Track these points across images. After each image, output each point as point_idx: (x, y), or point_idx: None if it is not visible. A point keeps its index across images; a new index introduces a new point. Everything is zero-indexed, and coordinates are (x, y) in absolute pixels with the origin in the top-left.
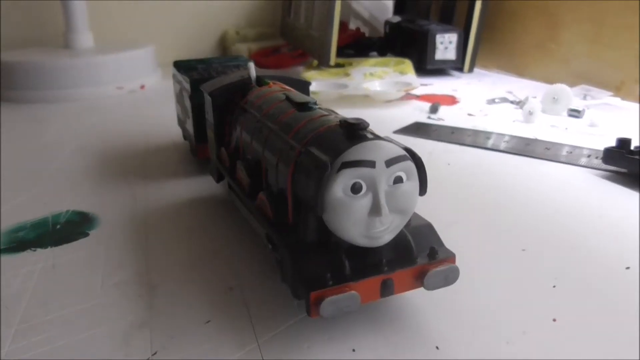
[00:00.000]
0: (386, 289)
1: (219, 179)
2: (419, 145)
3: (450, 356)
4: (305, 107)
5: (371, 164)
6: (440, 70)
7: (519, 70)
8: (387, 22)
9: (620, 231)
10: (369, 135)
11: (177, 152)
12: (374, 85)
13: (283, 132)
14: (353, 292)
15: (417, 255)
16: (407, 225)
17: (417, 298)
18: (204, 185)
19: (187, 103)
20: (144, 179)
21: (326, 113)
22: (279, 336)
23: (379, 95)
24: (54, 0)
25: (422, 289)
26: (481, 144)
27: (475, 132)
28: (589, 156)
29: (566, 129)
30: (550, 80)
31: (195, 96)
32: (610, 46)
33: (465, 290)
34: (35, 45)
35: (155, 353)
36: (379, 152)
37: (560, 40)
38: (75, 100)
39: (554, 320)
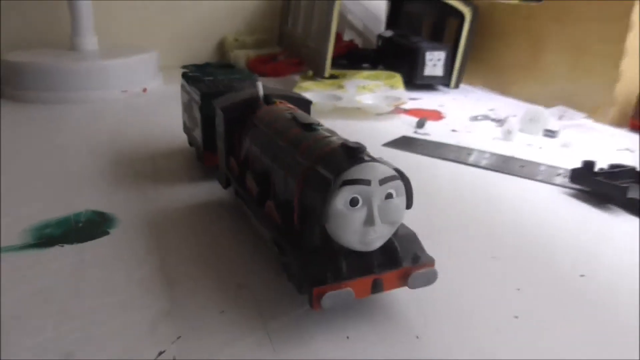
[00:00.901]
0: (376, 287)
1: (226, 184)
2: (406, 158)
3: (429, 344)
4: (310, 127)
5: (367, 182)
6: (428, 85)
7: (502, 88)
8: (379, 36)
9: (579, 244)
10: (366, 157)
11: (183, 157)
12: (366, 99)
13: (291, 149)
14: (349, 288)
15: (402, 259)
16: (395, 234)
17: (402, 295)
18: (211, 190)
19: (197, 114)
20: (154, 181)
21: (329, 134)
22: (284, 325)
23: (371, 108)
24: (59, 1)
25: (406, 287)
26: (463, 159)
27: (458, 148)
28: (558, 175)
29: (540, 148)
30: (531, 99)
31: (205, 108)
32: (588, 71)
33: (443, 290)
34: (41, 46)
35: (179, 337)
36: (374, 172)
37: (542, 63)
38: (82, 102)
39: (516, 317)
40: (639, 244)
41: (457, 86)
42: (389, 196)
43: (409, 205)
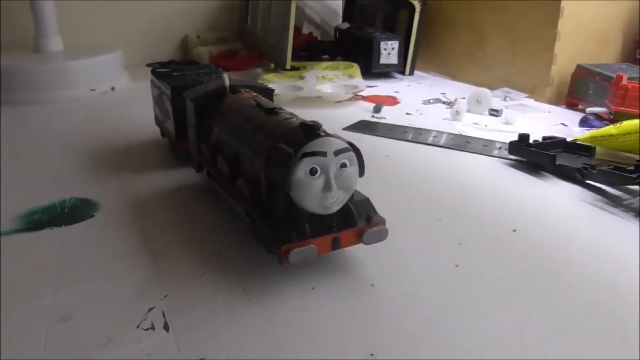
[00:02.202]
0: (336, 244)
1: (199, 169)
2: (364, 140)
3: (381, 290)
4: (272, 111)
5: (324, 154)
6: (384, 73)
7: (452, 74)
8: (337, 29)
9: (513, 205)
10: (322, 133)
11: (156, 147)
12: (326, 88)
13: (257, 132)
14: (312, 245)
15: (357, 220)
16: (351, 199)
17: (358, 251)
18: (185, 175)
19: (168, 106)
20: (131, 171)
21: (289, 116)
22: (257, 281)
23: (330, 96)
24: (22, 1)
25: (362, 244)
26: (414, 139)
27: (411, 129)
28: (499, 148)
29: (486, 125)
30: (478, 83)
31: (176, 100)
32: (526, 56)
33: (395, 246)
34: (5, 49)
35: (166, 295)
36: (330, 145)
37: (485, 50)
38: (51, 102)
39: (456, 265)
40: (565, 203)
41: (411, 73)
42: (343, 165)
43: (361, 173)
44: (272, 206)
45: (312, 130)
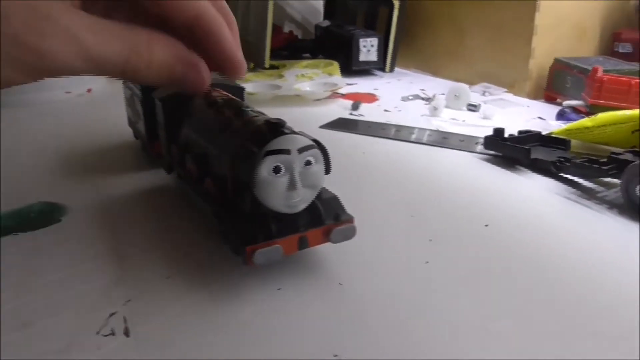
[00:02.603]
0: (302, 244)
1: (169, 171)
2: (341, 137)
3: (349, 289)
4: (240, 110)
5: (287, 152)
6: (364, 70)
7: (433, 70)
8: (317, 26)
9: (486, 199)
10: (286, 131)
11: (129, 149)
12: (304, 86)
13: (223, 131)
14: (277, 245)
15: (325, 218)
16: (319, 197)
17: (327, 250)
18: (156, 177)
19: (139, 106)
20: (102, 173)
21: (256, 115)
22: (223, 283)
23: (309, 94)
24: None
25: (329, 243)
26: (391, 135)
27: (388, 126)
28: (476, 143)
29: (464, 121)
30: (458, 79)
31: (146, 101)
32: (505, 50)
33: (364, 244)
34: None
35: (129, 300)
36: (294, 142)
37: (465, 45)
38: (25, 105)
39: (427, 262)
40: (539, 197)
41: (391, 70)
42: (308, 163)
43: (327, 171)
44: (238, 206)
45: (276, 128)
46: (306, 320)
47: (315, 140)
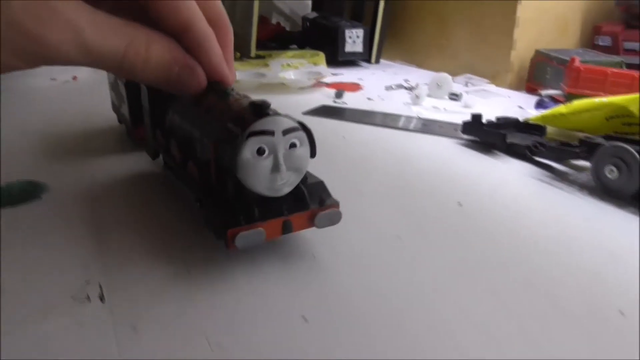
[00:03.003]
0: (286, 228)
1: (154, 156)
2: (323, 123)
3: (322, 261)
4: (224, 94)
5: (271, 133)
6: (350, 61)
7: (418, 62)
8: (304, 18)
9: (461, 181)
10: (270, 112)
11: (114, 134)
12: (289, 75)
13: (207, 114)
14: (260, 229)
15: (310, 202)
16: (304, 182)
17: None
18: (141, 162)
19: (122, 90)
20: (86, 156)
21: (240, 97)
22: (205, 266)
23: (293, 83)
24: None
25: (314, 228)
26: (373, 122)
27: (370, 113)
28: (455, 130)
29: (444, 109)
30: (442, 70)
31: (130, 85)
32: (487, 42)
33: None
34: None
35: (106, 270)
36: (278, 124)
37: (449, 37)
38: (9, 91)
39: (399, 237)
40: (513, 179)
41: (377, 61)
42: (292, 145)
43: (312, 154)
44: (221, 190)
45: (260, 109)
46: (277, 287)
47: (300, 123)
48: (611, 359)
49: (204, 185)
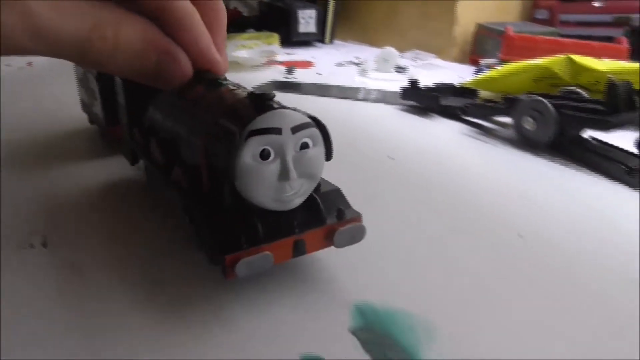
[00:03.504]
0: (298, 249)
1: (133, 160)
2: (278, 97)
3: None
4: (215, 83)
5: (278, 131)
6: (305, 42)
7: (370, 40)
8: (260, 2)
9: (395, 137)
10: (275, 105)
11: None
12: (242, 54)
13: (194, 107)
14: (266, 252)
15: (326, 217)
16: (317, 191)
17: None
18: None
19: (94, 85)
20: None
21: (234, 87)
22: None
23: (246, 61)
24: None
25: (332, 247)
26: (321, 93)
27: (319, 86)
28: (397, 97)
29: (389, 81)
30: (394, 48)
31: (103, 78)
32: (432, 19)
33: None
34: None
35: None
36: (285, 119)
37: (397, 16)
38: None
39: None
40: (447, 136)
41: (331, 42)
42: (304, 146)
43: (328, 156)
44: (215, 201)
45: (262, 102)
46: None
47: (312, 117)
48: (513, 273)
49: (194, 195)
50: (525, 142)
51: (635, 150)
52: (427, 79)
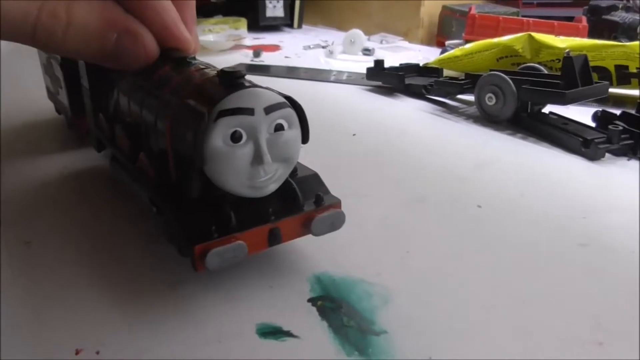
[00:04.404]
0: (274, 238)
1: (99, 148)
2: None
3: None
4: (182, 62)
5: (250, 112)
6: (274, 27)
7: (339, 25)
8: None
9: (359, 116)
10: (247, 84)
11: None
12: (209, 38)
13: (160, 88)
14: (239, 242)
15: (303, 203)
16: (293, 176)
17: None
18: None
19: (59, 72)
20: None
21: (204, 66)
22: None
23: (213, 45)
24: None
25: (309, 236)
26: (288, 75)
27: (286, 68)
28: (362, 78)
29: (357, 62)
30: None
31: (67, 64)
32: (399, 1)
33: None
34: None
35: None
36: (258, 99)
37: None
38: None
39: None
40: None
41: (299, 26)
42: (278, 128)
43: (305, 139)
44: (184, 190)
45: (232, 80)
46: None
47: (287, 97)
48: (471, 241)
49: (161, 184)
50: (487, 118)
51: (592, 124)
52: (393, 61)
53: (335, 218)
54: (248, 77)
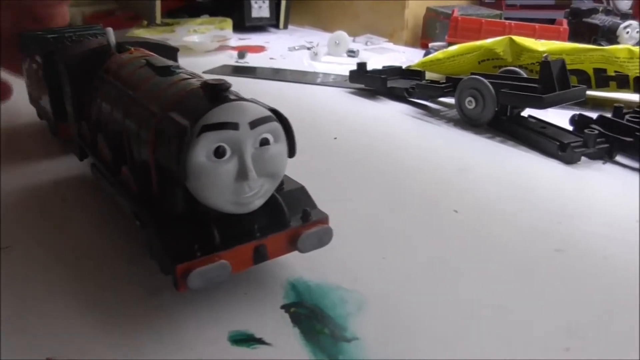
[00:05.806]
0: (259, 256)
1: (82, 156)
2: (224, 79)
3: None
4: (166, 71)
5: (234, 126)
6: (260, 27)
7: (325, 26)
8: None
9: (340, 119)
10: (232, 97)
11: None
12: (193, 38)
13: (143, 99)
14: (223, 261)
15: (289, 219)
16: (280, 190)
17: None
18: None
19: (41, 76)
20: None
21: (188, 76)
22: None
23: (197, 46)
24: None
25: (296, 252)
26: (272, 77)
27: (270, 70)
28: (345, 80)
29: (341, 64)
30: (347, 32)
31: (51, 70)
32: (384, 3)
33: None
34: None
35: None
36: (242, 113)
37: (351, 1)
38: None
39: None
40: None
41: (285, 27)
42: (264, 142)
43: (291, 153)
44: (165, 204)
45: (216, 92)
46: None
47: (273, 110)
48: (446, 245)
49: (143, 198)
50: (467, 122)
51: (570, 127)
52: (378, 63)
53: (322, 234)
54: (230, 79)
